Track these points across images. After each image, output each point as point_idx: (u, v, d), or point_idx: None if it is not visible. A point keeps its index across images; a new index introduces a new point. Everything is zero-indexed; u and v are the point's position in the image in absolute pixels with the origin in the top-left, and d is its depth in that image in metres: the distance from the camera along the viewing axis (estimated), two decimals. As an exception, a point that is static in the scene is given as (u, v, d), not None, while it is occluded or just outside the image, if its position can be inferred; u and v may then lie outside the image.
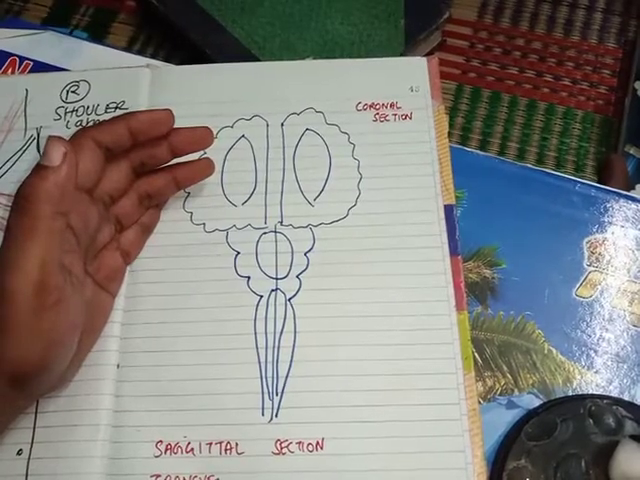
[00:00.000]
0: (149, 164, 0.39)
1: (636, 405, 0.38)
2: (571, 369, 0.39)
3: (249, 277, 0.40)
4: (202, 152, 0.42)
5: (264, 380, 0.37)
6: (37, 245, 0.31)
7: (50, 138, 0.32)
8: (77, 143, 0.34)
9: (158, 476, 0.35)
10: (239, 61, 0.49)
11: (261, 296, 0.40)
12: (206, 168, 0.42)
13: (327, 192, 0.43)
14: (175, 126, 0.38)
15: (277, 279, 0.40)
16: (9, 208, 0.31)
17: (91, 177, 0.35)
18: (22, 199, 0.31)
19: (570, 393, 0.39)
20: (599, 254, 0.42)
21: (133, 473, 0.36)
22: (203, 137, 0.40)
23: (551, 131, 0.77)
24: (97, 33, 0.76)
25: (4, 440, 0.36)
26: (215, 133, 0.42)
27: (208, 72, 0.48)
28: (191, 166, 0.41)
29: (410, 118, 0.45)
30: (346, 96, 0.46)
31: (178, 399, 0.37)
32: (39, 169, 0.31)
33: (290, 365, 0.38)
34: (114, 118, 0.36)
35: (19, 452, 0.36)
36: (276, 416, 0.37)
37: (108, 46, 0.52)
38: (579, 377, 0.39)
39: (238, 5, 0.69)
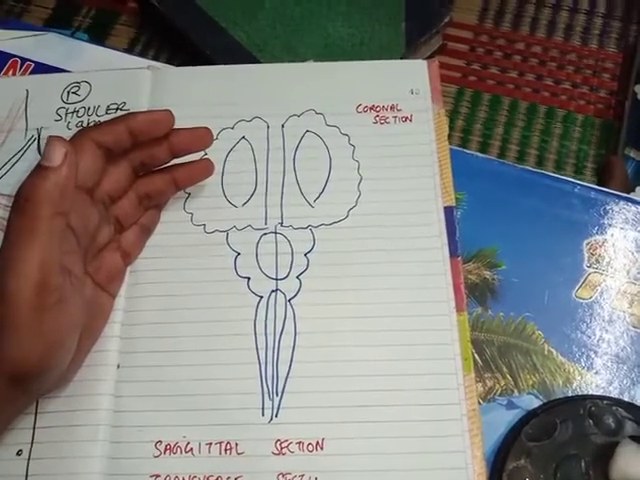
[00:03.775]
0: (149, 164, 0.39)
1: (636, 406, 0.38)
2: (571, 370, 0.39)
3: (249, 278, 0.40)
4: (203, 153, 0.42)
5: (264, 380, 0.37)
6: (37, 245, 0.31)
7: (50, 138, 0.32)
8: (77, 144, 0.34)
9: (157, 476, 0.35)
10: (240, 63, 0.49)
11: (261, 297, 0.40)
12: (206, 169, 0.42)
13: (327, 193, 0.43)
14: (175, 127, 0.38)
15: (277, 280, 0.40)
16: (9, 208, 0.31)
17: (91, 177, 0.35)
18: (22, 199, 0.31)
19: (570, 394, 0.39)
20: (599, 256, 0.43)
21: (133, 473, 0.35)
22: (203, 138, 0.40)
23: (551, 134, 0.78)
24: (99, 35, 0.77)
25: (4, 440, 0.36)
26: (215, 134, 0.42)
27: (209, 74, 0.48)
28: (191, 167, 0.41)
29: (410, 120, 0.45)
30: (346, 98, 0.46)
31: (178, 399, 0.37)
32: (39, 169, 0.31)
33: (290, 365, 0.38)
34: (114, 119, 0.36)
35: (19, 452, 0.36)
36: (276, 416, 0.37)
37: (109, 47, 0.52)
38: (579, 378, 0.39)
39: (239, 7, 0.69)
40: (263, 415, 0.37)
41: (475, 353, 0.40)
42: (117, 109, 0.46)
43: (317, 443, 0.36)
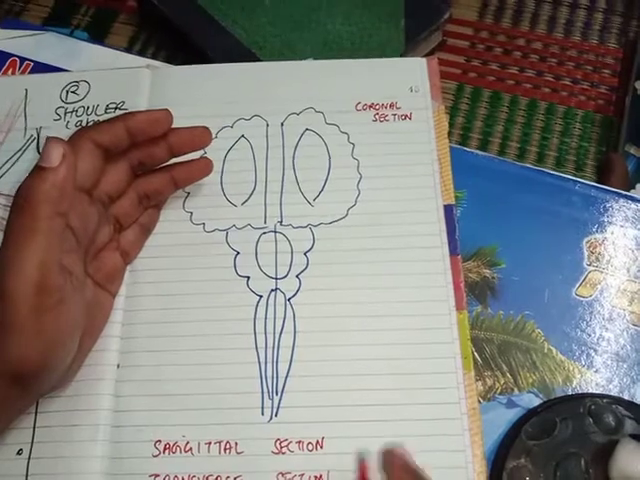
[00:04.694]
0: (147, 164, 0.39)
1: (636, 404, 0.38)
2: (571, 368, 0.39)
3: (249, 277, 0.40)
4: (202, 152, 0.42)
5: (264, 380, 0.37)
6: (37, 246, 0.31)
7: (48, 139, 0.32)
8: (75, 144, 0.34)
9: (157, 476, 0.35)
10: (239, 61, 0.49)
11: (261, 296, 0.40)
12: (204, 167, 0.42)
13: (327, 192, 0.43)
14: (175, 126, 0.38)
15: (277, 279, 0.40)
16: (9, 208, 0.31)
17: (90, 177, 0.35)
18: (21, 200, 0.31)
19: (570, 392, 0.39)
20: (599, 254, 0.42)
21: (132, 473, 0.36)
22: (201, 137, 0.40)
23: (551, 131, 0.77)
24: (98, 33, 0.76)
25: (4, 440, 0.36)
26: (215, 133, 0.42)
27: (208, 72, 0.48)
28: (189, 165, 0.41)
29: (410, 118, 0.45)
30: (346, 96, 0.46)
31: (177, 399, 0.37)
32: (38, 170, 0.31)
33: (290, 365, 0.38)
34: (112, 118, 0.36)
35: (19, 452, 0.36)
36: (276, 415, 0.37)
37: (108, 47, 0.52)
38: (579, 376, 0.39)
39: (238, 5, 0.69)
40: (263, 414, 0.37)
41: (475, 351, 0.40)
42: (116, 108, 0.46)
43: (317, 442, 0.36)
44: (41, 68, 0.50)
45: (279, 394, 0.37)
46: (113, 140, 0.36)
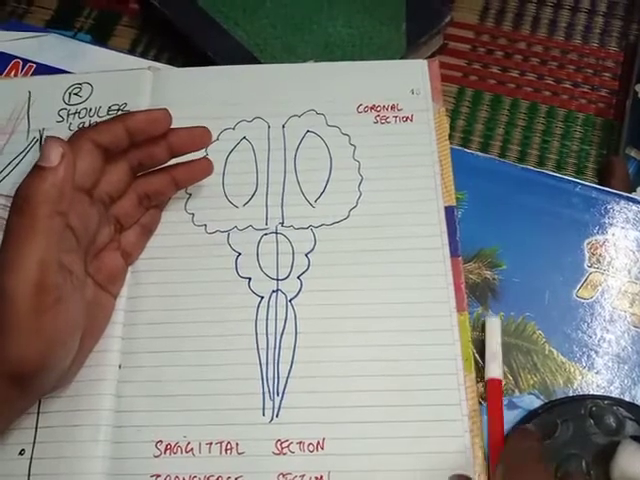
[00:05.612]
0: (147, 164, 0.39)
1: (637, 406, 0.38)
2: (572, 370, 0.39)
3: (250, 278, 0.40)
4: (203, 153, 0.42)
5: (265, 380, 0.37)
6: (36, 245, 0.31)
7: (48, 139, 0.32)
8: (75, 144, 0.34)
9: (158, 476, 0.35)
10: (241, 63, 0.49)
11: (262, 297, 0.40)
12: (205, 168, 0.42)
13: (328, 193, 0.43)
14: (174, 127, 0.38)
15: (278, 280, 0.40)
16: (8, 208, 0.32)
17: (90, 177, 0.35)
18: (20, 199, 0.31)
19: (571, 394, 0.39)
20: (600, 255, 0.42)
21: (133, 473, 0.36)
22: (201, 137, 0.40)
23: (552, 134, 0.78)
24: (100, 36, 0.77)
25: (6, 440, 0.36)
26: (216, 135, 0.42)
27: (210, 74, 0.48)
28: (190, 166, 0.41)
29: (411, 120, 0.45)
30: (347, 98, 0.46)
31: (178, 399, 0.37)
32: (37, 170, 0.31)
33: (291, 366, 0.38)
34: (112, 118, 0.36)
35: (21, 452, 0.36)
36: (277, 416, 0.37)
37: (111, 49, 0.52)
38: (580, 378, 0.39)
39: (240, 8, 0.69)
40: (264, 415, 0.37)
41: (476, 353, 0.40)
42: (118, 110, 0.46)
43: (318, 443, 0.36)
44: (44, 70, 0.50)
45: (280, 395, 0.37)
46: (113, 140, 0.36)
